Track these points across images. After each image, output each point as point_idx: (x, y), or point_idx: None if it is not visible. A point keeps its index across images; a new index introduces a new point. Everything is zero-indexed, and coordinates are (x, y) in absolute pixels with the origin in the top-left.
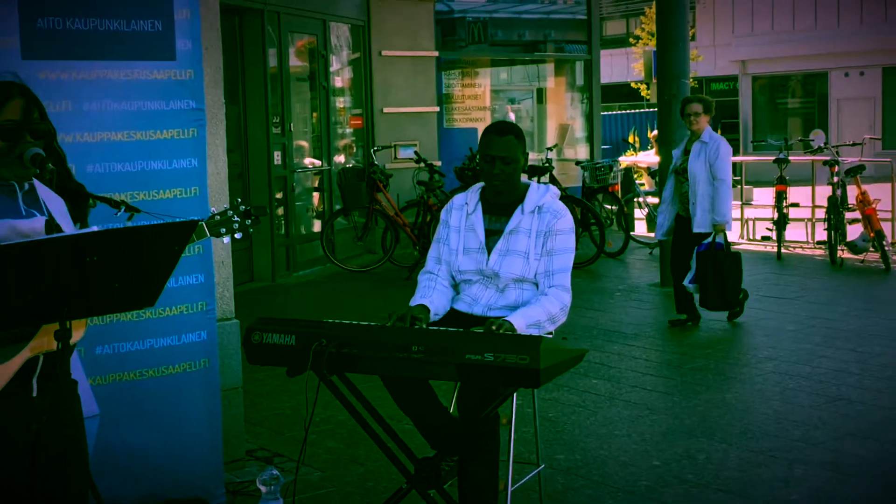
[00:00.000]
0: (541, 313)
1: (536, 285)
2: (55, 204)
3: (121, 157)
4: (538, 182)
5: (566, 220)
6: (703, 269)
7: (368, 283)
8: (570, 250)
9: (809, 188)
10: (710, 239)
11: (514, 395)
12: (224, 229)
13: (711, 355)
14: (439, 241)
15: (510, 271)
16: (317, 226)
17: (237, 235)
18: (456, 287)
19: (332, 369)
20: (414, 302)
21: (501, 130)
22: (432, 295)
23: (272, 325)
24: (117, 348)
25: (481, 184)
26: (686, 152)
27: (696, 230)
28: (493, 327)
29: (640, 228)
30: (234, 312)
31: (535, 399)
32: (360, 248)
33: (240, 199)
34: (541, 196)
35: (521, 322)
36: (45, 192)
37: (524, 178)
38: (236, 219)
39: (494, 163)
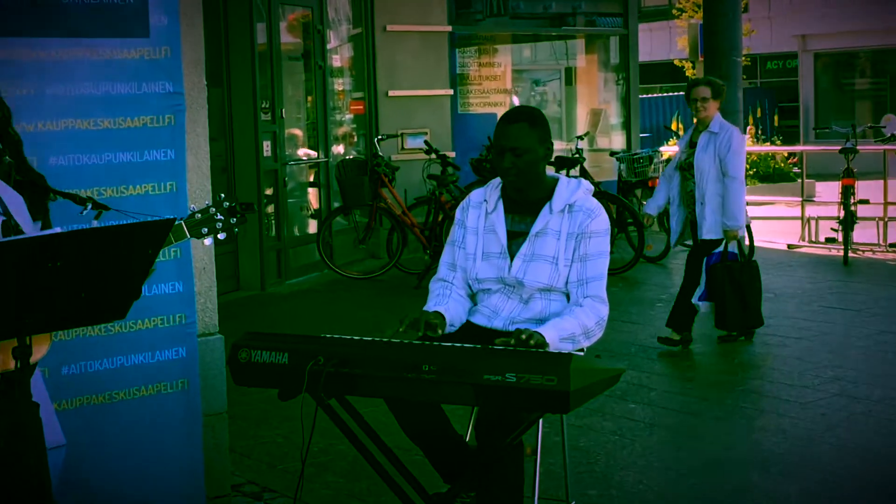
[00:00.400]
0: (575, 326)
1: (566, 296)
2: (13, 201)
3: (87, 148)
4: (568, 176)
5: (601, 220)
6: (717, 284)
7: (372, 292)
8: (606, 255)
9: (881, 182)
10: (721, 248)
11: (540, 421)
12: (206, 229)
13: (766, 375)
14: (454, 244)
15: (536, 279)
16: (312, 226)
17: (221, 236)
18: (473, 297)
19: (330, 392)
20: (428, 307)
21: (511, 117)
22: (447, 303)
23: (262, 340)
24: (84, 367)
25: (500, 179)
26: (692, 144)
27: (704, 237)
28: (523, 336)
29: None
30: (218, 326)
31: (563, 426)
32: (361, 252)
33: (223, 195)
34: (572, 192)
35: (554, 335)
36: (1, 188)
37: (550, 171)
38: (220, 217)
39: (504, 155)
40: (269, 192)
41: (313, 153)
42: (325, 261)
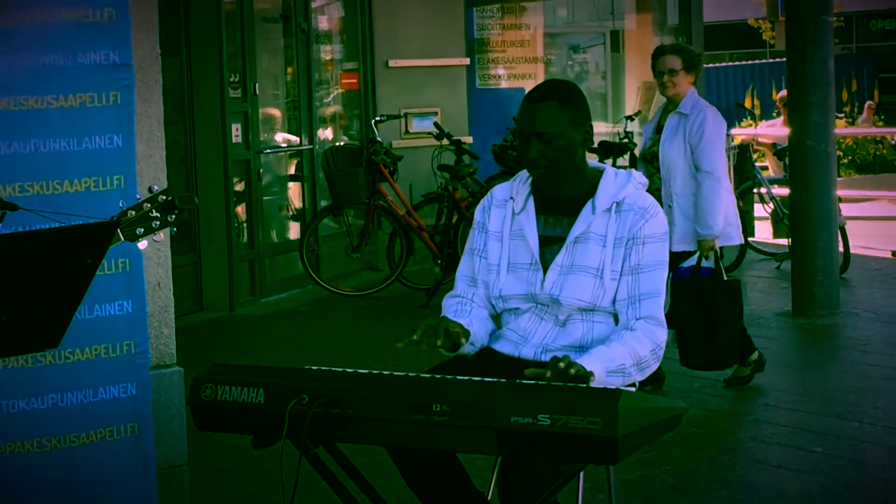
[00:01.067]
0: (625, 356)
1: (614, 317)
2: None
3: (7, 133)
4: (615, 166)
5: (658, 222)
6: (682, 306)
7: (368, 312)
8: (664, 265)
9: None
10: (692, 261)
11: (581, 475)
12: (142, 229)
13: (880, 416)
14: (473, 252)
15: (576, 297)
16: (294, 231)
17: (156, 237)
18: (496, 319)
19: (316, 438)
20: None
21: (537, 95)
22: (469, 317)
23: (231, 374)
24: (6, 407)
25: None
26: (659, 129)
27: (673, 248)
28: (561, 366)
29: (763, 232)
30: (176, 356)
31: (611, 480)
32: (356, 262)
33: (156, 187)
34: (620, 187)
35: (599, 367)
36: None
37: (593, 160)
38: (155, 214)
39: (529, 142)
40: (239, 187)
41: (295, 139)
42: (310, 273)
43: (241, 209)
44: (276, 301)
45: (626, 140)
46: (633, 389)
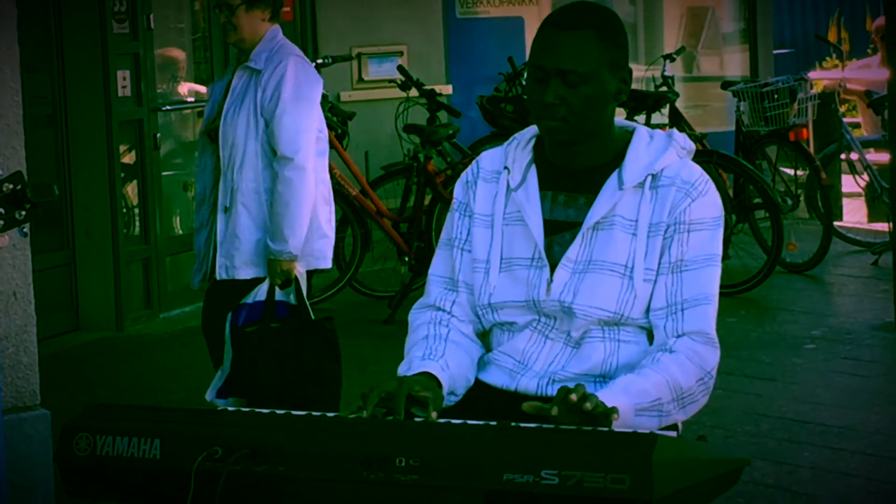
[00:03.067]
0: (662, 387)
1: (647, 333)
2: None
3: None
4: (649, 125)
5: (709, 202)
6: (249, 364)
7: None
8: (716, 260)
9: None
10: (260, 293)
11: None
12: None
13: None
14: (452, 244)
15: (595, 305)
16: None
17: None
18: (485, 337)
19: None
20: (410, 369)
21: (568, 19)
22: (444, 352)
23: (115, 419)
24: None
25: (535, 129)
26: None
27: (239, 274)
28: (572, 398)
29: (855, 213)
30: (40, 395)
31: None
32: None
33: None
34: (657, 153)
35: (625, 402)
36: None
37: (618, 118)
38: None
39: (547, 81)
40: (128, 158)
41: (205, 90)
42: None
43: (130, 189)
44: (179, 317)
45: (663, 88)
46: (673, 434)
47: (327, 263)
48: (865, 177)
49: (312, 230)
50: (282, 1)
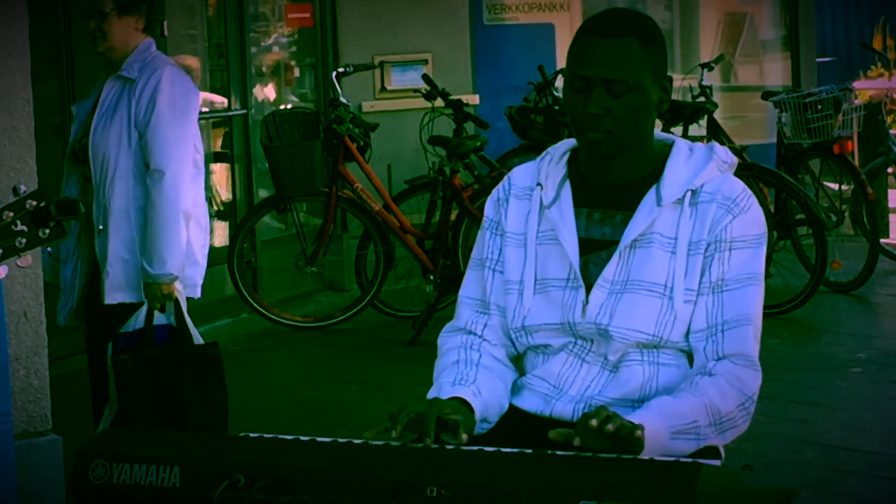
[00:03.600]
0: (699, 410)
1: (687, 356)
2: None
3: None
4: (686, 137)
5: (752, 219)
6: (129, 394)
7: (330, 352)
8: (758, 280)
9: None
10: (139, 321)
11: None
12: None
13: None
14: (483, 264)
15: (633, 327)
16: (221, 234)
17: (20, 261)
18: (518, 362)
19: None
20: (439, 394)
21: (609, 27)
22: (475, 378)
23: (132, 445)
24: None
25: (569, 142)
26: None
27: (109, 298)
28: (593, 422)
29: None
30: (52, 420)
31: None
32: (311, 279)
33: (23, 187)
34: (697, 167)
35: (661, 425)
36: None
37: (656, 131)
38: (21, 227)
39: (590, 91)
40: None
41: (220, 100)
42: (244, 296)
43: None
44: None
45: (700, 99)
46: (717, 463)
47: (196, 293)
48: None
49: (185, 256)
50: (159, 12)
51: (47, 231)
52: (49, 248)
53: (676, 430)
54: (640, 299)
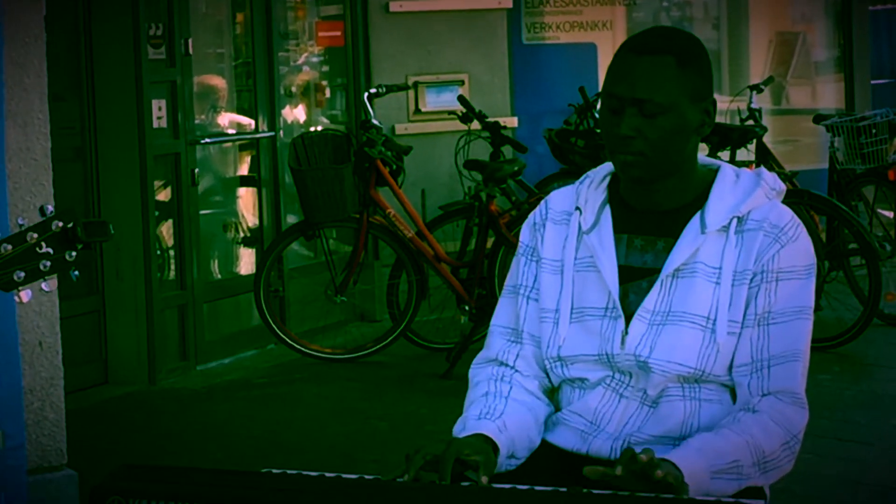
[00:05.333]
0: (741, 448)
1: (731, 391)
2: None
3: None
4: (733, 162)
5: (801, 249)
6: None
7: (360, 385)
8: (807, 313)
9: None
10: None
11: None
12: (22, 272)
13: None
14: (517, 291)
15: (674, 360)
16: (247, 262)
17: (45, 286)
18: (553, 394)
19: None
20: (465, 430)
21: (646, 44)
22: (503, 411)
23: (149, 481)
24: None
25: (609, 166)
26: None
27: None
28: (642, 457)
29: None
30: (67, 454)
31: None
32: (340, 309)
33: (51, 208)
34: (745, 194)
35: (700, 464)
36: None
37: (701, 156)
38: (46, 249)
39: (622, 112)
40: (163, 195)
41: (248, 122)
42: (271, 327)
43: (165, 229)
44: (218, 369)
45: (749, 122)
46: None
47: None
48: None
49: None
50: None
51: (74, 254)
52: (77, 272)
53: (717, 470)
54: (682, 331)
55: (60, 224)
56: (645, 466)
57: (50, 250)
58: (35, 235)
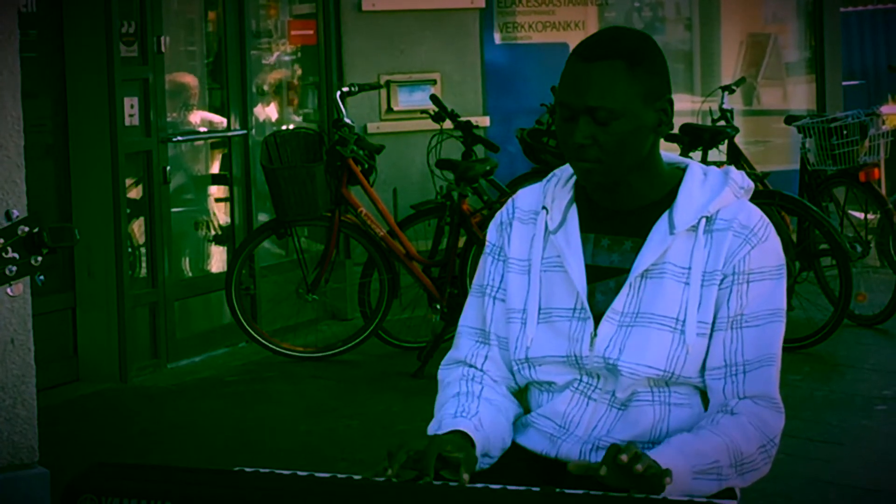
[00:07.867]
0: (720, 450)
1: (701, 394)
2: None
3: None
4: (704, 162)
5: (770, 249)
6: None
7: (332, 385)
8: (780, 315)
9: None
10: None
11: None
12: None
13: None
14: (484, 291)
15: (643, 362)
16: (219, 260)
17: (10, 290)
18: (521, 395)
19: None
20: (440, 427)
21: (594, 50)
22: (476, 411)
23: (122, 479)
24: None
25: None
26: None
27: None
28: (623, 458)
29: None
30: (38, 451)
31: None
32: (312, 307)
33: (16, 212)
34: (713, 193)
35: (681, 464)
36: None
37: (669, 154)
38: (11, 254)
39: (576, 120)
40: (134, 193)
41: (220, 120)
42: (242, 325)
43: (137, 226)
44: (189, 367)
45: (720, 123)
46: (733, 503)
47: None
48: None
49: None
50: None
51: (40, 258)
52: (42, 276)
53: (699, 471)
54: (651, 333)
55: (26, 229)
56: (629, 462)
57: (16, 255)
58: (1, 240)
